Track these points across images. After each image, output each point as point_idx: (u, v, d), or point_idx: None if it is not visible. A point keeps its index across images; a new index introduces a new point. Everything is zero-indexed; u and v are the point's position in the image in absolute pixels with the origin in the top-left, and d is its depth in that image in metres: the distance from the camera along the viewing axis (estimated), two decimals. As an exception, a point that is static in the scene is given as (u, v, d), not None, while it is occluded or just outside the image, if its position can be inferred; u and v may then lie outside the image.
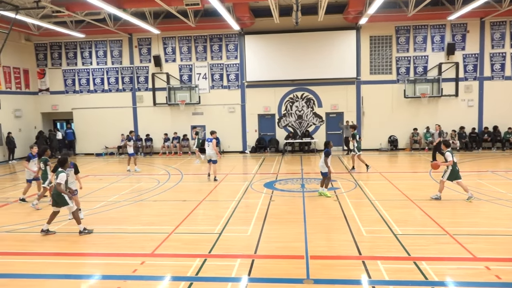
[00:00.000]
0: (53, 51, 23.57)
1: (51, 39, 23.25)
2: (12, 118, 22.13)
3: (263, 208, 10.47)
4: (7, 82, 21.88)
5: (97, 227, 9.31)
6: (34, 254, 7.69)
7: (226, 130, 22.70)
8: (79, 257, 7.46)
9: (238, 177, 15.48)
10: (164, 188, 13.53)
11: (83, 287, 6.27)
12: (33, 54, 23.64)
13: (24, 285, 6.34)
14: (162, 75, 22.85)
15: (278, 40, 21.86)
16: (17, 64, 22.59)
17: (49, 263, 7.20)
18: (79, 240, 8.43)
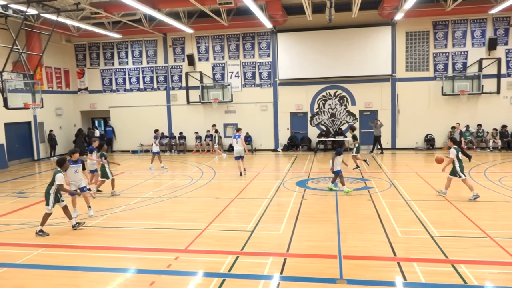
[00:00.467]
0: (92, 52, 24.38)
1: (90, 40, 24.05)
2: (54, 116, 23.08)
3: (295, 207, 10.43)
4: (49, 82, 22.81)
5: (133, 222, 9.57)
6: (74, 247, 8.00)
7: (258, 128, 22.75)
8: (116, 251, 7.69)
9: (270, 175, 15.48)
10: (197, 185, 13.73)
11: (120, 280, 6.46)
12: (73, 55, 24.54)
13: (65, 277, 6.60)
14: (196, 73, 23.15)
15: (311, 37, 21.66)
16: (58, 64, 23.51)
17: (88, 256, 7.47)
18: (117, 235, 8.69)
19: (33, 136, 21.53)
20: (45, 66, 22.23)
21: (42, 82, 21.13)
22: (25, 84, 15.80)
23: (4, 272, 6.87)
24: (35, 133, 21.60)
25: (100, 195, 12.51)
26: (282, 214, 9.83)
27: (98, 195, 12.52)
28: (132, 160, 21.09)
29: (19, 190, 13.81)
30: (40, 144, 22.00)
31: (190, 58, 22.75)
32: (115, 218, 10.02)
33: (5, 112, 16.31)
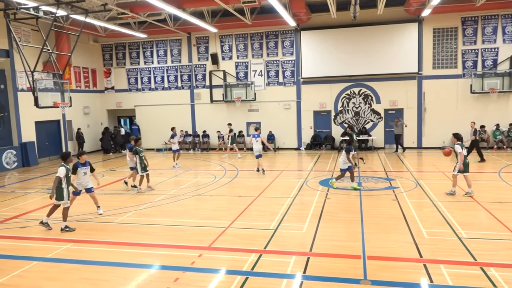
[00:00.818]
0: (118, 51, 24.86)
1: (116, 40, 24.53)
2: (81, 115, 23.67)
3: (318, 206, 10.37)
4: (77, 81, 23.41)
5: (158, 219, 9.72)
6: (100, 242, 8.19)
7: (281, 127, 22.71)
8: (141, 247, 7.82)
9: (293, 174, 15.43)
10: (220, 183, 13.82)
11: (144, 276, 6.57)
12: (100, 55, 25.09)
13: (92, 271, 6.77)
14: (219, 72, 23.29)
15: (335, 35, 21.44)
16: (86, 64, 24.09)
17: (114, 252, 7.63)
18: (142, 231, 8.84)
19: (62, 134, 22.13)
20: (73, 66, 22.82)
21: (70, 82, 21.68)
22: (55, 84, 16.26)
23: (34, 265, 7.10)
24: (63, 131, 22.20)
25: (126, 192, 12.75)
26: (305, 213, 9.78)
27: (134, 190, 12.76)
28: (157, 158, 21.41)
29: (49, 187, 14.22)
30: (69, 141, 22.59)
31: (213, 57, 22.90)
32: (140, 215, 10.20)
33: (36, 111, 16.83)
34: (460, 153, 10.82)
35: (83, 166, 9.95)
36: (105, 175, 16.17)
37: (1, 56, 18.41)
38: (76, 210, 10.70)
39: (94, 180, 10.31)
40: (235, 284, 6.08)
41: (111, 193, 12.80)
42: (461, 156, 10.79)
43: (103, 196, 12.43)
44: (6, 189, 14.19)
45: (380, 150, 21.41)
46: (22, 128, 19.37)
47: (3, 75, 18.75)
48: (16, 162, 18.84)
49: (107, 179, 15.35)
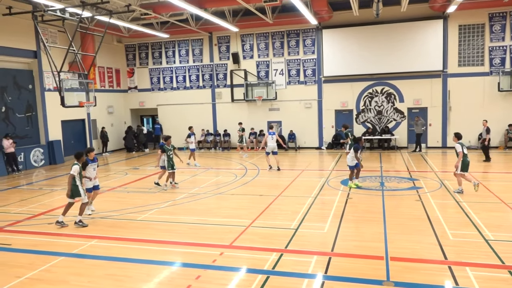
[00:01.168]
0: (141, 52, 25.24)
1: (139, 40, 24.90)
2: (106, 114, 24.14)
3: (340, 206, 10.28)
4: (102, 81, 23.89)
5: (180, 217, 9.83)
6: (124, 239, 8.34)
7: (302, 126, 22.60)
8: (164, 245, 7.93)
9: (314, 173, 15.34)
10: (241, 182, 13.87)
11: (166, 273, 6.66)
12: (124, 55, 25.52)
13: (116, 267, 6.90)
14: (240, 71, 23.35)
15: (357, 33, 21.19)
16: (110, 64, 24.55)
17: (137, 249, 7.76)
18: (164, 229, 8.96)
19: (86, 133, 22.64)
20: (98, 66, 23.28)
21: (95, 81, 22.16)
22: (80, 84, 16.64)
23: (61, 261, 7.29)
24: (88, 130, 22.70)
25: (155, 189, 12.94)
26: (326, 212, 9.71)
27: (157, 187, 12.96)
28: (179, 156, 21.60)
29: (74, 184, 14.56)
30: (93, 140, 23.09)
31: (234, 56, 22.98)
32: (162, 213, 10.33)
33: (62, 110, 17.26)
34: (459, 152, 11.00)
35: (92, 162, 10.18)
36: (128, 173, 16.46)
37: (29, 57, 18.95)
38: (99, 208, 10.94)
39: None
40: (256, 283, 6.09)
41: (134, 191, 13.02)
42: (460, 155, 10.99)
43: (126, 194, 12.68)
44: (34, 186, 14.61)
45: (403, 149, 21.05)
46: (49, 127, 19.90)
47: (31, 76, 19.30)
48: (43, 160, 19.37)
49: (130, 177, 15.62)
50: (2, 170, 16.94)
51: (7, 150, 16.96)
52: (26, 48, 18.62)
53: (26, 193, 13.30)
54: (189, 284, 6.13)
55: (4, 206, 11.61)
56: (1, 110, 17.82)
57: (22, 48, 18.40)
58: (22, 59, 18.75)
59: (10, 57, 18.06)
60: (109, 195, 12.56)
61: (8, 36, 17.55)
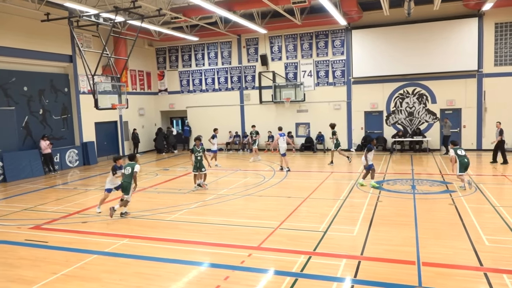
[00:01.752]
0: (171, 55, 25.69)
1: (170, 44, 25.36)
2: (137, 116, 24.70)
3: (369, 209, 10.11)
4: (133, 84, 24.47)
5: (208, 218, 9.93)
6: (154, 239, 8.50)
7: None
8: (193, 245, 8.02)
9: (343, 176, 15.17)
10: (269, 184, 13.87)
11: (195, 273, 6.74)
12: (154, 58, 26.05)
13: (147, 266, 7.04)
14: (268, 73, 23.38)
15: (387, 33, 20.80)
16: (141, 67, 25.12)
17: (167, 249, 7.89)
18: (193, 229, 9.08)
19: (118, 134, 23.24)
20: (130, 69, 23.86)
21: (127, 84, 22.72)
22: (113, 86, 17.08)
23: (94, 258, 7.51)
24: (120, 132, 23.30)
25: (182, 191, 13.13)
26: (355, 215, 9.58)
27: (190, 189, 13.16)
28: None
29: (107, 184, 14.97)
30: (125, 142, 23.68)
31: (263, 58, 23.03)
32: (191, 213, 10.46)
33: (95, 112, 17.80)
34: (452, 156, 11.87)
35: (119, 170, 10.58)
36: (159, 174, 16.76)
37: (65, 61, 19.66)
38: (132, 207, 11.19)
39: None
40: (284, 285, 6.07)
41: (164, 192, 13.26)
42: (453, 159, 11.83)
43: (157, 194, 12.92)
44: (69, 186, 15.12)
45: (435, 152, 20.48)
46: (83, 129, 20.57)
47: (67, 79, 20.01)
48: (77, 160, 20.01)
49: (160, 178, 15.90)
50: (39, 170, 17.62)
51: (44, 151, 17.63)
52: (62, 52, 19.33)
53: (62, 193, 13.78)
54: (218, 285, 6.18)
55: (42, 204, 12.07)
56: (39, 113, 18.55)
57: (59, 53, 19.12)
58: (59, 63, 19.48)
59: (48, 62, 18.80)
60: (140, 196, 12.83)
61: (46, 42, 18.27)
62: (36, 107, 18.37)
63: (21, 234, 9.20)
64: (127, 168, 10.12)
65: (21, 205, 12.10)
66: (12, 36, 16.81)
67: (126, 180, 10.06)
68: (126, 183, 10.03)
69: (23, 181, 16.21)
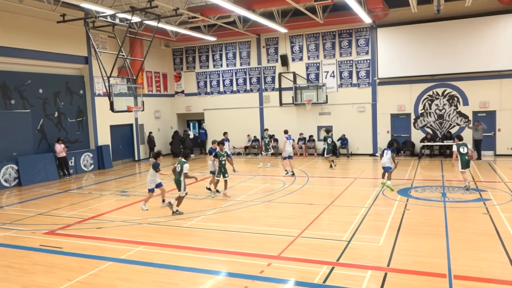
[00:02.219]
0: (188, 55, 25.97)
1: (186, 44, 25.65)
2: (153, 119, 25.04)
3: (396, 217, 9.96)
4: (149, 86, 24.83)
5: (226, 225, 9.96)
6: (170, 246, 8.57)
7: (355, 131, 22.15)
8: (210, 253, 8.05)
9: (368, 182, 15.01)
10: (290, 190, 13.82)
11: (212, 282, 6.76)
12: (171, 59, 26.39)
13: (162, 274, 7.10)
14: (289, 74, 23.37)
15: (415, 31, 20.52)
16: (157, 69, 25.48)
17: (183, 256, 7.94)
18: (210, 237, 9.12)
19: (134, 137, 23.58)
20: (146, 71, 24.22)
21: (143, 86, 23.01)
22: (128, 88, 17.40)
23: (109, 265, 7.62)
24: (136, 135, 23.64)
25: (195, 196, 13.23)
26: (381, 224, 9.45)
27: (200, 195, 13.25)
28: (225, 162, 21.90)
29: (122, 189, 15.22)
30: (140, 145, 24.01)
31: (283, 59, 23.04)
32: (209, 220, 10.52)
33: (111, 115, 18.11)
34: (454, 151, 12.85)
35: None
36: (175, 179, 16.90)
37: (81, 63, 20.12)
38: (148, 213, 11.33)
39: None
40: (305, 297, 6.03)
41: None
42: (454, 154, 12.78)
43: (173, 200, 13.00)
44: (84, 190, 15.41)
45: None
46: (98, 132, 20.96)
47: (82, 81, 20.46)
48: (92, 164, 20.39)
49: (176, 183, 16.02)
50: (54, 174, 18.03)
51: (59, 155, 18.04)
52: (78, 54, 19.78)
53: (76, 197, 14.06)
54: (235, 295, 6.19)
55: (56, 209, 12.33)
56: (54, 115, 19.01)
57: (74, 54, 19.58)
58: (74, 65, 19.94)
59: (63, 63, 19.28)
60: (156, 201, 12.96)
61: (61, 43, 18.73)
62: (51, 110, 18.85)
63: (35, 239, 9.42)
64: (178, 165, 11.12)
65: (35, 209, 12.40)
66: (27, 38, 17.30)
67: (177, 177, 11.11)
68: (177, 180, 11.08)
69: (37, 185, 16.61)
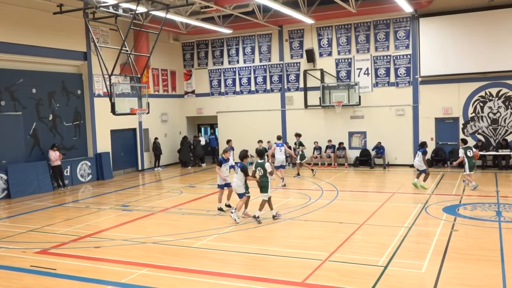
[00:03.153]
0: (200, 50, 26.24)
1: (198, 38, 25.93)
2: (159, 122, 25.32)
3: (442, 239, 9.84)
4: (155, 85, 25.14)
5: (242, 245, 9.98)
6: (177, 269, 8.62)
7: (393, 138, 21.93)
8: (223, 278, 8.07)
9: (408, 197, 14.86)
10: (316, 206, 13.77)
11: (227, 312, 6.77)
12: (180, 55, 26.70)
13: (169, 302, 7.15)
14: (316, 72, 23.36)
15: (465, 21, 20.30)
16: (165, 65, 25.81)
17: (192, 281, 8.00)
18: (224, 259, 9.16)
19: (138, 144, 23.86)
20: (152, 68, 24.53)
21: (148, 86, 23.33)
22: (132, 88, 17.65)
23: (108, 290, 7.73)
24: (140, 141, 23.92)
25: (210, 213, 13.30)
26: (424, 247, 9.36)
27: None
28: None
29: (124, 203, 15.41)
30: (145, 153, 24.28)
31: (309, 54, 23.06)
32: (222, 239, 10.55)
33: (112, 119, 18.41)
34: (460, 157, 15.30)
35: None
36: (183, 192, 17.05)
37: (79, 59, 20.55)
38: (153, 231, 11.44)
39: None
40: (334, 331, 5.99)
41: (189, 213, 13.45)
42: (460, 159, 15.31)
43: (181, 216, 13.14)
44: (80, 204, 15.67)
45: None
46: (98, 138, 21.29)
47: (80, 80, 20.87)
48: (90, 174, 20.71)
49: (185, 196, 16.17)
50: (48, 185, 18.38)
51: (53, 163, 18.39)
52: (76, 49, 20.21)
53: (72, 212, 14.30)
54: (252, 327, 6.18)
55: (50, 225, 12.57)
56: (49, 118, 19.41)
57: (72, 50, 19.99)
58: (72, 61, 20.38)
59: (59, 60, 19.70)
60: (162, 217, 13.10)
61: (57, 37, 19.15)
62: (45, 112, 19.26)
63: (26, 259, 9.60)
64: (258, 168, 11.90)
65: (26, 225, 12.65)
66: (19, 31, 17.72)
67: (263, 179, 11.85)
68: (264, 182, 11.83)
69: (29, 198, 16.95)
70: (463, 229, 10.70)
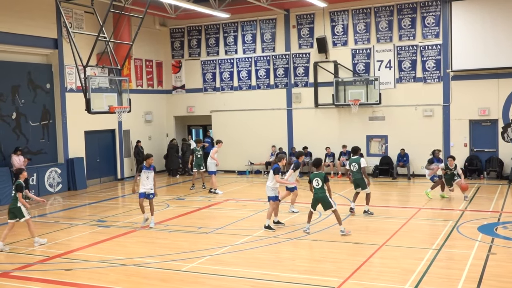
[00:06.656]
0: (191, 38, 26.30)
1: (190, 23, 25.96)
2: (142, 123, 25.34)
3: (477, 264, 9.87)
4: (138, 79, 25.16)
5: (240, 269, 9.99)
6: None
7: (419, 143, 21.93)
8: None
9: (436, 214, 14.93)
10: (327, 223, 13.78)
11: None
12: (168, 43, 26.76)
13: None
14: (328, 64, 23.42)
15: (506, 6, 20.39)
16: (150, 55, 25.86)
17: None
18: (217, 285, 9.18)
19: (117, 148, 23.87)
20: (134, 58, 24.55)
21: (130, 79, 23.31)
22: (111, 82, 17.67)
23: (81, 321, 7.75)
24: (119, 145, 23.93)
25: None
26: (456, 273, 9.40)
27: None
28: (238, 183, 22.02)
29: (100, 218, 15.44)
30: (125, 158, 24.28)
31: (320, 43, 23.10)
32: (216, 262, 10.56)
33: (86, 118, 18.42)
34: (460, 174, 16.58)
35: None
36: (170, 205, 17.06)
37: (49, 47, 20.59)
38: (133, 251, 11.46)
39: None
40: None
41: (177, 230, 13.46)
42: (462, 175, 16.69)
43: (167, 233, 13.15)
44: (48, 218, 15.69)
45: None
46: (70, 140, 21.30)
47: (50, 72, 20.92)
48: (60, 184, 20.72)
49: (172, 210, 16.18)
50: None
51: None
52: (45, 35, 20.27)
53: (39, 228, 14.24)
54: None
55: (12, 243, 12.57)
56: (12, 117, 19.45)
57: (40, 36, 20.05)
58: (40, 49, 20.46)
59: (26, 48, 19.78)
60: (144, 235, 13.11)
61: (24, 20, 19.19)
62: (7, 110, 19.29)
63: (-16, 283, 9.62)
64: (353, 164, 13.82)
65: (-16, 243, 12.66)
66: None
67: (356, 176, 13.83)
68: (358, 179, 13.86)
69: (-13, 211, 16.95)
70: (503, 252, 10.73)
